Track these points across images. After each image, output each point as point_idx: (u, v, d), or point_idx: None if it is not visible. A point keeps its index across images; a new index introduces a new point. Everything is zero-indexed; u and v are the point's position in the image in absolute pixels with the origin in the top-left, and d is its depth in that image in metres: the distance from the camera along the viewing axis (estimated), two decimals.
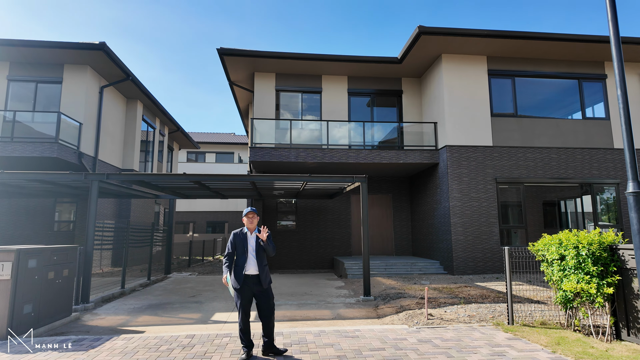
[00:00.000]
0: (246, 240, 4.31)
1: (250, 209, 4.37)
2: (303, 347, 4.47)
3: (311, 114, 13.74)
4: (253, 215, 4.35)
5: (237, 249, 4.29)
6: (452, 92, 12.01)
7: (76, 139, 12.27)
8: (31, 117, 12.03)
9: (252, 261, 4.23)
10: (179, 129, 20.80)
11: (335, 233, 14.18)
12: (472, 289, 8.40)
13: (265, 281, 4.25)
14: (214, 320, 6.39)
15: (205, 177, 8.25)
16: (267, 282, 4.28)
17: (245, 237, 4.33)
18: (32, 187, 10.37)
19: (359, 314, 6.66)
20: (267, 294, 4.27)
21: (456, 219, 11.32)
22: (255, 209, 4.38)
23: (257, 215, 4.40)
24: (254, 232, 4.36)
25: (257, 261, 4.23)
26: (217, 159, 31.50)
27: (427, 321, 5.68)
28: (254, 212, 4.36)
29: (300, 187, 10.39)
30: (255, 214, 4.38)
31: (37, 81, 12.69)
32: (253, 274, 4.23)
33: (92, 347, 4.50)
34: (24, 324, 5.17)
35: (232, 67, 12.95)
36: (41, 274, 5.49)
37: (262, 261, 4.29)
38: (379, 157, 12.18)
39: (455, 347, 4.44)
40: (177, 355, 4.17)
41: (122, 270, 9.68)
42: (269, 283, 4.30)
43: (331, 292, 8.81)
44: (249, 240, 4.31)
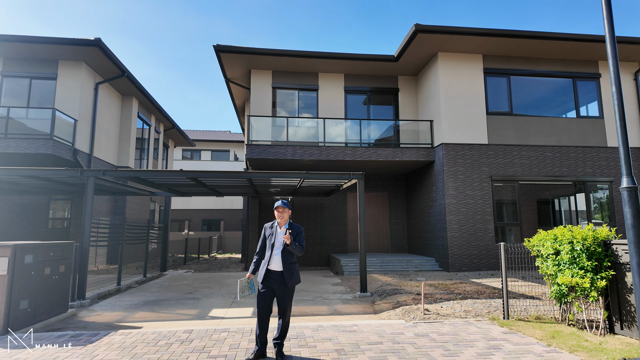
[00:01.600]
0: (274, 234, 4.09)
1: (281, 202, 4.09)
2: (301, 341, 4.50)
3: (308, 111, 13.74)
4: (283, 210, 4.08)
5: (267, 243, 4.13)
6: (448, 90, 12.08)
7: (71, 136, 12.18)
8: (25, 114, 11.93)
9: (277, 256, 3.99)
10: (174, 127, 20.72)
11: (331, 230, 14.21)
12: (467, 285, 8.47)
13: (289, 280, 3.95)
14: (211, 316, 6.39)
15: (202, 174, 8.23)
16: (293, 282, 3.98)
17: (275, 230, 4.12)
18: (26, 184, 10.29)
19: (356, 309, 6.70)
20: (286, 294, 3.98)
21: (452, 217, 11.40)
22: (287, 202, 4.11)
23: (288, 209, 4.11)
24: (283, 226, 4.11)
25: (282, 257, 3.97)
26: (212, 156, 31.40)
27: (424, 316, 5.73)
28: (284, 206, 4.07)
29: (297, 185, 10.40)
30: (287, 207, 4.09)
31: (32, 77, 12.58)
32: (276, 270, 3.97)
33: (90, 342, 4.50)
34: (20, 319, 5.15)
35: (228, 64, 12.92)
36: (37, 269, 5.47)
37: (288, 258, 4.00)
38: (376, 154, 12.22)
39: (452, 340, 4.49)
40: (175, 350, 4.18)
41: (118, 267, 9.66)
42: (294, 283, 4.00)
43: (328, 289, 8.84)
44: (277, 234, 4.08)
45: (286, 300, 3.98)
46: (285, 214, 4.10)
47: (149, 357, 3.94)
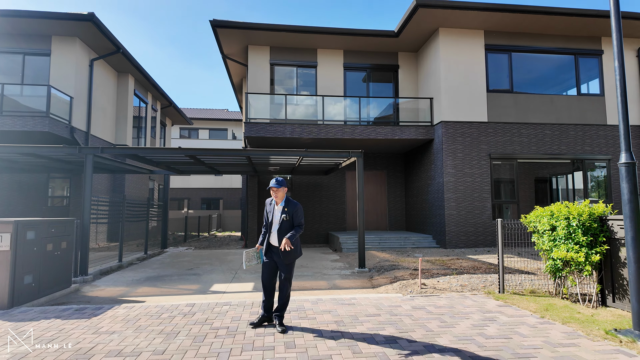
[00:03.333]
0: (272, 211, 4.25)
1: (274, 183, 4.20)
2: (301, 313, 4.61)
3: (306, 89, 13.59)
4: (276, 190, 4.20)
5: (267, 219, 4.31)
6: (449, 67, 11.93)
7: (67, 114, 12.06)
8: (20, 91, 11.76)
9: (275, 233, 4.17)
10: (171, 104, 20.50)
11: (330, 209, 14.31)
12: (464, 261, 8.61)
13: (287, 256, 4.08)
14: (213, 290, 6.51)
15: (201, 152, 8.21)
16: (289, 258, 4.11)
17: (272, 208, 4.26)
18: (25, 162, 10.26)
19: (355, 284, 6.83)
20: (285, 268, 4.12)
21: (450, 194, 11.47)
22: (282, 180, 4.21)
23: (282, 188, 4.20)
24: (280, 204, 4.22)
25: (279, 235, 4.13)
26: (210, 135, 31.22)
27: (421, 290, 5.85)
28: (276, 186, 4.18)
29: (296, 163, 10.40)
30: (280, 187, 4.19)
31: (25, 53, 12.34)
32: (276, 245, 4.15)
33: (95, 315, 4.60)
34: (25, 293, 5.24)
35: (225, 39, 12.67)
36: (40, 245, 5.52)
37: (285, 235, 4.10)
38: (375, 132, 12.17)
39: (448, 313, 4.61)
40: (178, 322, 4.28)
41: (119, 244, 9.75)
42: (291, 259, 4.13)
43: (327, 265, 8.98)
44: (274, 212, 4.23)
45: (284, 273, 4.14)
46: (279, 193, 4.21)
47: (152, 328, 4.04)
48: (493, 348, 3.48)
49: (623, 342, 3.63)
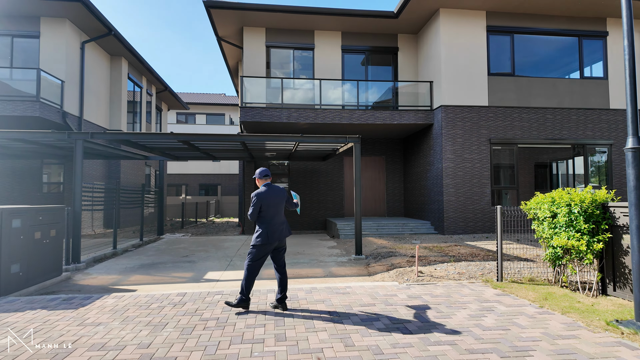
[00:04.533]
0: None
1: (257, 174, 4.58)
2: (294, 303, 4.49)
3: (303, 72, 13.27)
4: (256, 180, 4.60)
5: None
6: (450, 50, 11.61)
7: (59, 98, 11.77)
8: (9, 74, 11.45)
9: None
10: (166, 89, 20.12)
11: (327, 195, 14.17)
12: (462, 247, 8.51)
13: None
14: (206, 279, 6.41)
15: (194, 137, 8.00)
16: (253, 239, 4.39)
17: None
18: (16, 148, 10.04)
19: (351, 271, 6.73)
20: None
21: (449, 180, 11.31)
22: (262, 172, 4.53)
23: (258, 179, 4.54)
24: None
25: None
26: (207, 120, 30.86)
27: (417, 278, 5.74)
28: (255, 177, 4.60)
29: (292, 148, 10.20)
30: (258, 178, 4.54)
31: (13, 35, 11.97)
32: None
33: (82, 305, 4.48)
34: (12, 283, 5.12)
35: (219, 21, 12.29)
36: (27, 234, 5.38)
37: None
38: (373, 117, 11.93)
39: (445, 302, 4.49)
40: (167, 313, 4.16)
41: (114, 231, 9.62)
42: (253, 240, 4.39)
43: (323, 252, 8.88)
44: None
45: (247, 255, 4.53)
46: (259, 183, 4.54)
47: (140, 320, 3.92)
48: (490, 340, 3.37)
49: (625, 333, 3.52)
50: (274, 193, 4.39)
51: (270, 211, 4.32)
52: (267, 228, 4.27)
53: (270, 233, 4.26)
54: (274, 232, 4.28)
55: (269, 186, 4.42)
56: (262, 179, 4.50)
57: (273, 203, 4.34)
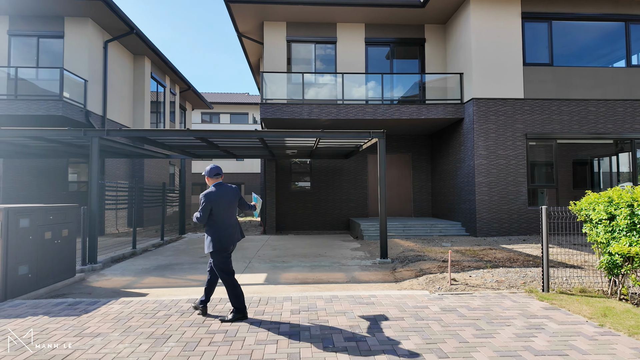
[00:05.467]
0: None
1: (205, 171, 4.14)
2: (312, 314, 4.04)
3: (325, 67, 12.79)
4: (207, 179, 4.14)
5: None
6: (481, 39, 10.85)
7: (82, 97, 11.81)
8: (35, 74, 11.57)
9: None
10: (189, 88, 20.12)
11: (351, 194, 13.65)
12: (498, 251, 7.82)
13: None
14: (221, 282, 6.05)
15: (211, 134, 7.69)
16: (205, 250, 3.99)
17: None
18: (40, 147, 10.07)
19: (375, 277, 6.21)
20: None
21: (481, 178, 10.56)
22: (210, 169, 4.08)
23: (207, 178, 4.09)
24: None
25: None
26: (231, 119, 30.91)
27: (450, 287, 5.17)
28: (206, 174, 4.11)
29: (313, 145, 9.75)
30: (208, 177, 4.09)
31: (39, 36, 12.10)
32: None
33: (86, 311, 4.19)
34: (20, 285, 4.92)
35: (239, 16, 11.99)
36: (36, 234, 5.17)
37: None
38: (399, 112, 11.32)
39: (485, 317, 3.92)
40: (173, 323, 3.80)
41: (133, 230, 9.50)
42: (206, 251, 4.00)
43: (346, 254, 8.39)
44: None
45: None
46: (206, 182, 4.11)
47: (142, 331, 3.57)
48: None
49: None
50: (225, 193, 3.99)
51: (221, 214, 3.93)
52: (219, 233, 3.89)
53: (223, 238, 3.89)
54: (226, 237, 3.91)
55: (220, 186, 4.02)
56: (213, 178, 4.06)
57: (224, 204, 3.95)
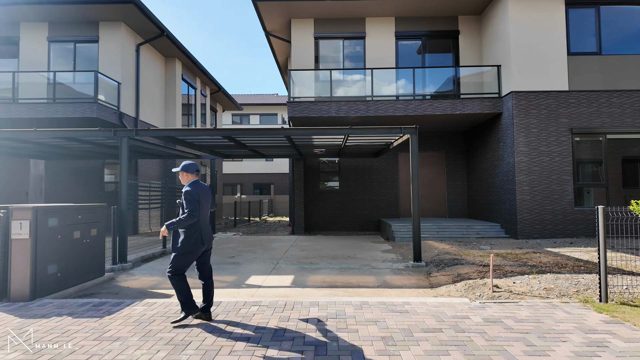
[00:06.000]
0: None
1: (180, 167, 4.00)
2: (341, 322, 3.74)
3: (354, 64, 12.45)
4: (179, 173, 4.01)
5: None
6: (520, 28, 10.16)
7: (116, 99, 12.10)
8: (72, 78, 11.94)
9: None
10: (220, 89, 20.35)
11: (381, 194, 13.24)
12: (543, 255, 7.21)
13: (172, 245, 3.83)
14: (248, 284, 5.88)
15: (237, 132, 7.56)
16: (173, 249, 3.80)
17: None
18: (75, 148, 10.36)
19: (409, 281, 5.83)
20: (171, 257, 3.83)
21: (522, 177, 9.89)
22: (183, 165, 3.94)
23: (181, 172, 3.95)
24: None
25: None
26: (261, 120, 31.15)
27: (493, 294, 4.72)
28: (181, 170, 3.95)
29: (341, 143, 9.46)
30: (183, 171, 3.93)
31: (75, 41, 12.51)
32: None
33: (109, 313, 4.10)
34: (49, 284, 4.93)
35: (266, 14, 11.89)
36: (64, 233, 5.18)
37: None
38: (432, 107, 10.81)
39: (535, 330, 3.48)
40: (194, 328, 3.62)
41: None
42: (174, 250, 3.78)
43: (377, 256, 8.03)
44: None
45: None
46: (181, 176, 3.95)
47: (162, 336, 3.41)
48: None
49: None
50: (207, 191, 3.97)
51: (203, 212, 3.86)
52: (201, 231, 3.79)
53: (205, 235, 3.82)
54: (207, 235, 3.86)
55: (199, 183, 3.94)
56: (194, 174, 3.95)
57: (206, 202, 3.93)
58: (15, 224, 4.66)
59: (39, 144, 9.17)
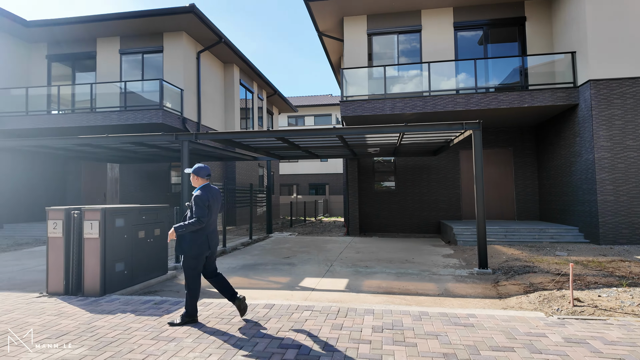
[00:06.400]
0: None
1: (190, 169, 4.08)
2: (397, 334, 3.49)
3: (409, 59, 11.97)
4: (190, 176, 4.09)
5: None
6: (598, 10, 9.06)
7: (179, 105, 12.79)
8: (140, 87, 12.82)
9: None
10: (275, 92, 20.78)
11: (441, 194, 12.58)
12: (633, 264, 6.30)
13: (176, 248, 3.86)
14: (301, 286, 5.81)
15: (288, 133, 7.55)
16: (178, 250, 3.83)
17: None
18: (144, 152, 11.11)
19: (473, 291, 5.37)
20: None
21: (604, 175, 8.80)
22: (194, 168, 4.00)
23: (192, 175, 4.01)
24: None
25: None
26: (315, 121, 31.37)
27: (574, 309, 4.16)
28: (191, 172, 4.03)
29: (396, 141, 9.09)
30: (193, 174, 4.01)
31: (143, 52, 13.42)
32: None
33: (168, 312, 4.22)
34: (117, 281, 5.23)
35: (319, 13, 11.83)
36: (130, 233, 5.47)
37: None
38: (496, 101, 10.03)
39: (630, 356, 2.96)
40: (247, 332, 3.58)
41: (223, 230, 9.91)
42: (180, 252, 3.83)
43: (437, 261, 7.58)
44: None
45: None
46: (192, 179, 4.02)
47: (215, 339, 3.40)
48: None
49: None
50: (218, 195, 4.03)
51: (212, 216, 3.90)
52: (209, 235, 3.84)
53: (211, 240, 3.87)
54: (213, 239, 3.91)
55: (210, 187, 3.98)
56: (205, 178, 4.00)
57: (216, 206, 3.99)
58: (87, 224, 5.00)
59: (111, 148, 9.93)
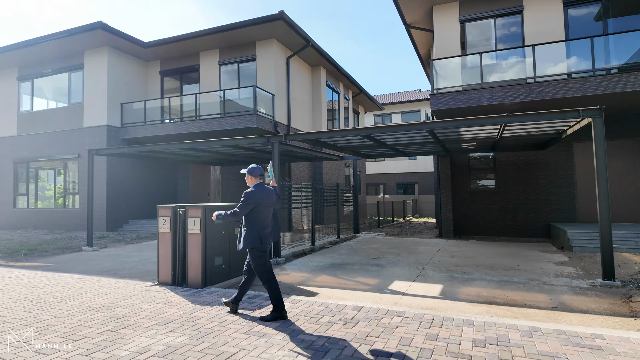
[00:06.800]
0: None
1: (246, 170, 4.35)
2: (504, 352, 3.06)
3: (509, 44, 10.82)
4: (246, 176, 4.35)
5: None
6: None
7: (271, 109, 13.44)
8: (237, 94, 13.77)
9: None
10: (361, 91, 20.65)
11: (550, 193, 11.13)
12: None
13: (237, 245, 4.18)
14: (390, 289, 5.57)
15: (374, 130, 7.33)
16: (238, 248, 4.14)
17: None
18: (241, 155, 11.87)
19: (597, 306, 4.55)
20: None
21: None
22: (251, 168, 4.28)
23: (248, 175, 4.28)
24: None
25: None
26: (402, 118, 30.42)
27: None
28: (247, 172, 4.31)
29: (496, 134, 8.24)
30: (248, 174, 4.29)
31: (238, 62, 14.39)
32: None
33: (260, 307, 4.36)
34: (216, 274, 5.61)
35: (406, 6, 11.36)
36: (227, 229, 5.83)
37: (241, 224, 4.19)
38: (621, 83, 8.49)
39: None
40: (334, 334, 3.49)
41: (311, 228, 10.12)
42: (239, 249, 4.13)
43: (548, 269, 6.66)
44: None
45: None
46: (247, 180, 4.28)
47: (302, 338, 3.37)
48: None
49: None
50: (269, 194, 4.20)
51: (264, 212, 4.11)
52: (261, 231, 4.05)
53: (264, 236, 4.05)
54: (266, 236, 4.07)
55: (262, 186, 4.20)
56: (257, 178, 4.25)
57: (267, 204, 4.15)
58: (190, 220, 5.44)
59: (212, 152, 10.79)
